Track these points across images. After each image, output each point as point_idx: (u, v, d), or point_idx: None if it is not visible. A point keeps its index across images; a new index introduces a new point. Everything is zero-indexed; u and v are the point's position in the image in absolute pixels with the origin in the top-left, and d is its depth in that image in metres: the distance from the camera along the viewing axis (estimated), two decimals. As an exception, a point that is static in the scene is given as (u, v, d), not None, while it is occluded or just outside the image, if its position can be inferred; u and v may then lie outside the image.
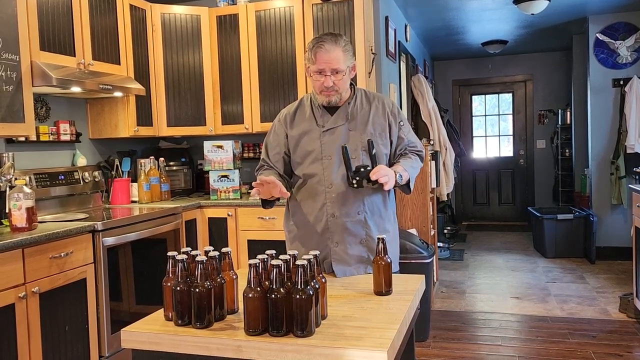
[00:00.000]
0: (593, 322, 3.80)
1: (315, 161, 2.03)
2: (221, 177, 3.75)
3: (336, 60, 1.94)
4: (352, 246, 2.03)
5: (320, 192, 2.03)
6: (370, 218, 2.05)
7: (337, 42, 1.96)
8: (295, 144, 2.08)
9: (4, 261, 2.25)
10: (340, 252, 2.03)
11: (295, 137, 2.08)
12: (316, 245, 2.04)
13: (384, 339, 1.33)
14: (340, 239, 2.03)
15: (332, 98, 2.01)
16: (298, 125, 2.09)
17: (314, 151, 2.04)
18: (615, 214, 5.71)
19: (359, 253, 2.04)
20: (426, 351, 3.38)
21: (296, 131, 2.08)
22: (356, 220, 2.03)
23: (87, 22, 3.19)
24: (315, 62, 1.96)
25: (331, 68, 1.94)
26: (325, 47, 1.94)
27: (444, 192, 5.75)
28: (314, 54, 1.96)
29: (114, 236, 2.86)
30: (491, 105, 8.47)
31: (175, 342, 1.42)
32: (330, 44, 1.94)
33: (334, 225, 2.03)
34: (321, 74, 1.96)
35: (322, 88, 1.98)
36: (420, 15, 5.52)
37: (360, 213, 2.03)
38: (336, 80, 1.96)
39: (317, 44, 1.96)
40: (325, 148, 2.02)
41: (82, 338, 2.69)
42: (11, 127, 2.60)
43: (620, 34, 5.60)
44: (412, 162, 2.09)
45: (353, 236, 2.03)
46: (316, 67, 1.96)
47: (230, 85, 3.99)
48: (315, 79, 1.99)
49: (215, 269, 1.48)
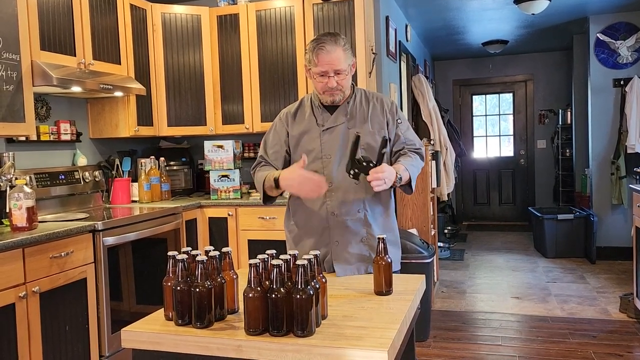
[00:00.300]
0: (593, 322, 3.80)
1: (315, 160, 2.03)
2: (221, 177, 3.76)
3: (338, 60, 1.94)
4: (353, 245, 2.03)
5: None
6: (371, 216, 2.05)
7: (337, 42, 1.95)
8: (295, 143, 2.08)
9: (5, 261, 2.25)
10: (340, 251, 2.03)
11: (295, 137, 2.08)
12: (317, 244, 2.04)
13: (384, 339, 1.33)
14: (341, 237, 2.03)
15: (336, 97, 2.02)
16: (299, 124, 2.09)
17: (314, 150, 2.04)
18: (615, 214, 5.71)
19: (359, 252, 2.03)
20: (426, 351, 3.38)
21: (296, 130, 2.08)
22: (356, 218, 2.02)
23: (87, 21, 3.19)
24: (318, 64, 1.95)
25: (334, 69, 1.94)
26: (327, 49, 1.93)
27: (445, 192, 5.75)
28: (315, 56, 1.95)
29: (115, 236, 2.86)
30: (492, 105, 8.47)
31: (175, 341, 1.42)
32: (330, 44, 1.94)
33: (335, 223, 2.03)
34: (324, 75, 1.96)
35: (325, 89, 1.99)
36: (421, 15, 5.52)
37: (360, 211, 2.03)
38: (339, 80, 1.97)
39: (317, 46, 1.95)
40: (325, 147, 2.03)
41: (83, 338, 2.70)
42: (12, 127, 2.60)
43: (621, 33, 5.60)
44: (413, 161, 2.08)
45: (354, 235, 2.03)
46: (319, 69, 1.96)
47: (231, 85, 3.99)
48: (319, 81, 1.98)
49: (216, 269, 1.48)
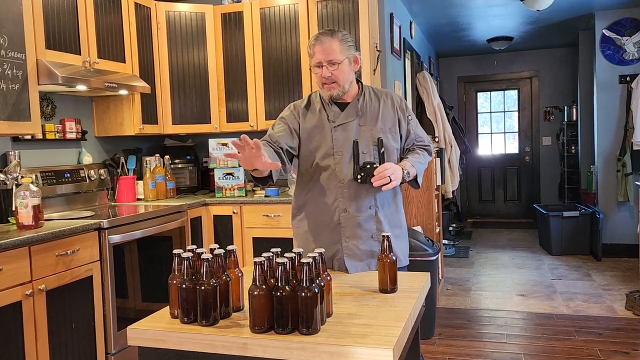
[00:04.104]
0: (599, 320, 3.79)
1: (327, 157, 2.03)
2: (226, 175, 3.76)
3: (331, 50, 1.97)
4: (364, 241, 2.03)
5: (332, 188, 2.03)
6: (381, 212, 2.06)
7: (334, 35, 2.00)
8: (307, 137, 2.07)
9: (11, 259, 2.26)
10: (352, 247, 2.03)
11: (307, 130, 2.07)
12: (327, 241, 2.04)
13: (389, 337, 1.33)
14: (352, 234, 2.03)
15: (334, 92, 2.01)
16: (310, 119, 2.08)
17: (326, 146, 2.03)
18: (621, 211, 5.68)
19: (370, 248, 2.04)
20: (432, 349, 3.38)
21: (308, 124, 2.08)
22: (368, 215, 2.03)
23: (92, 20, 3.19)
24: (313, 56, 2.00)
25: (327, 59, 1.97)
26: (321, 40, 1.99)
27: (449, 190, 5.74)
28: (312, 49, 2.01)
29: (120, 234, 2.87)
30: (497, 102, 8.44)
31: (181, 339, 1.42)
32: (325, 36, 1.99)
33: (346, 220, 2.03)
34: (319, 66, 2.00)
35: (322, 80, 2.01)
36: (425, 11, 5.50)
37: (371, 208, 2.04)
38: (333, 70, 1.98)
39: (314, 39, 2.01)
40: (336, 144, 2.03)
41: (89, 335, 2.71)
42: (17, 126, 2.61)
43: (627, 29, 5.56)
44: (420, 158, 2.12)
45: (365, 231, 2.03)
46: (313, 61, 2.01)
47: (235, 82, 3.99)
48: (315, 72, 2.03)
49: (221, 267, 1.48)
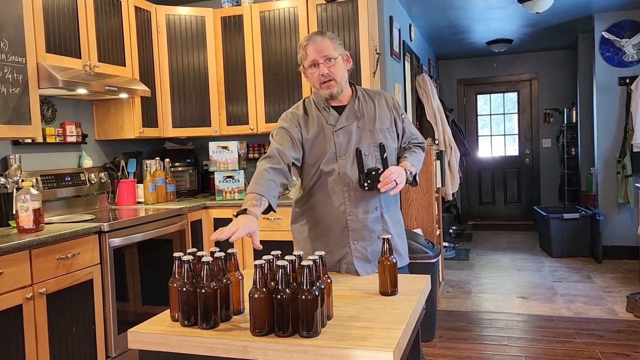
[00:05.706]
0: (600, 322, 3.79)
1: (331, 162, 2.03)
2: (226, 178, 3.76)
3: (325, 47, 1.99)
4: (372, 242, 2.04)
5: (338, 192, 2.03)
6: (386, 212, 2.08)
7: (324, 34, 2.03)
8: (310, 145, 2.05)
9: (12, 262, 2.26)
10: (361, 250, 2.04)
11: (310, 139, 2.05)
12: (334, 245, 2.04)
13: (389, 339, 1.33)
14: (360, 236, 2.04)
15: (333, 89, 2.01)
16: (311, 127, 2.06)
17: (329, 152, 2.03)
18: (621, 212, 5.68)
19: (378, 249, 2.03)
20: (432, 351, 3.37)
21: (310, 132, 2.05)
22: (375, 216, 2.04)
23: (92, 24, 3.20)
24: (307, 56, 2.01)
25: (322, 55, 1.98)
26: (313, 39, 2.01)
27: (449, 192, 5.74)
28: (304, 50, 2.02)
29: (120, 237, 2.88)
30: (496, 104, 8.45)
31: (181, 342, 1.42)
32: (317, 36, 2.02)
33: (353, 223, 2.03)
34: (315, 65, 2.00)
35: (320, 80, 2.01)
36: (425, 14, 5.51)
37: (377, 209, 2.05)
38: (330, 67, 1.99)
39: (305, 40, 2.03)
40: (339, 148, 2.03)
41: (89, 338, 2.71)
42: (18, 129, 2.62)
43: (626, 32, 5.57)
44: (417, 156, 2.16)
45: (372, 232, 2.04)
46: (308, 61, 2.01)
47: (235, 86, 4.00)
48: (311, 72, 2.02)
49: (221, 270, 1.48)
